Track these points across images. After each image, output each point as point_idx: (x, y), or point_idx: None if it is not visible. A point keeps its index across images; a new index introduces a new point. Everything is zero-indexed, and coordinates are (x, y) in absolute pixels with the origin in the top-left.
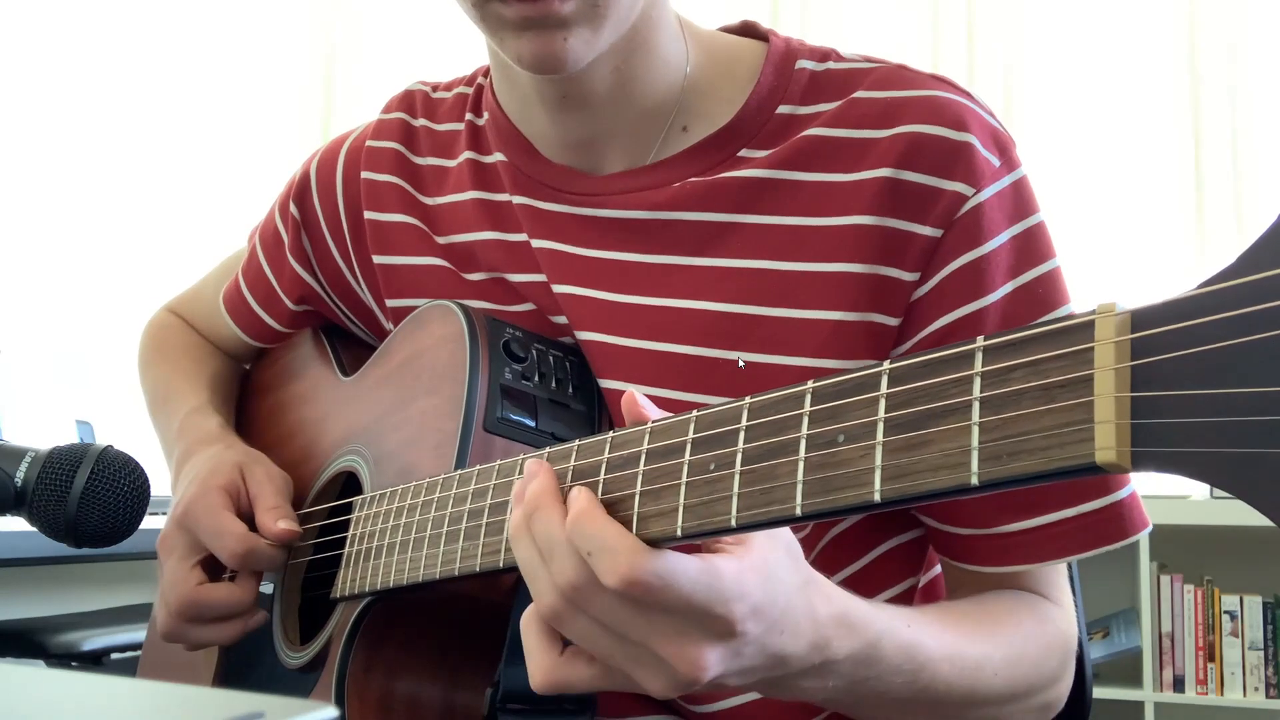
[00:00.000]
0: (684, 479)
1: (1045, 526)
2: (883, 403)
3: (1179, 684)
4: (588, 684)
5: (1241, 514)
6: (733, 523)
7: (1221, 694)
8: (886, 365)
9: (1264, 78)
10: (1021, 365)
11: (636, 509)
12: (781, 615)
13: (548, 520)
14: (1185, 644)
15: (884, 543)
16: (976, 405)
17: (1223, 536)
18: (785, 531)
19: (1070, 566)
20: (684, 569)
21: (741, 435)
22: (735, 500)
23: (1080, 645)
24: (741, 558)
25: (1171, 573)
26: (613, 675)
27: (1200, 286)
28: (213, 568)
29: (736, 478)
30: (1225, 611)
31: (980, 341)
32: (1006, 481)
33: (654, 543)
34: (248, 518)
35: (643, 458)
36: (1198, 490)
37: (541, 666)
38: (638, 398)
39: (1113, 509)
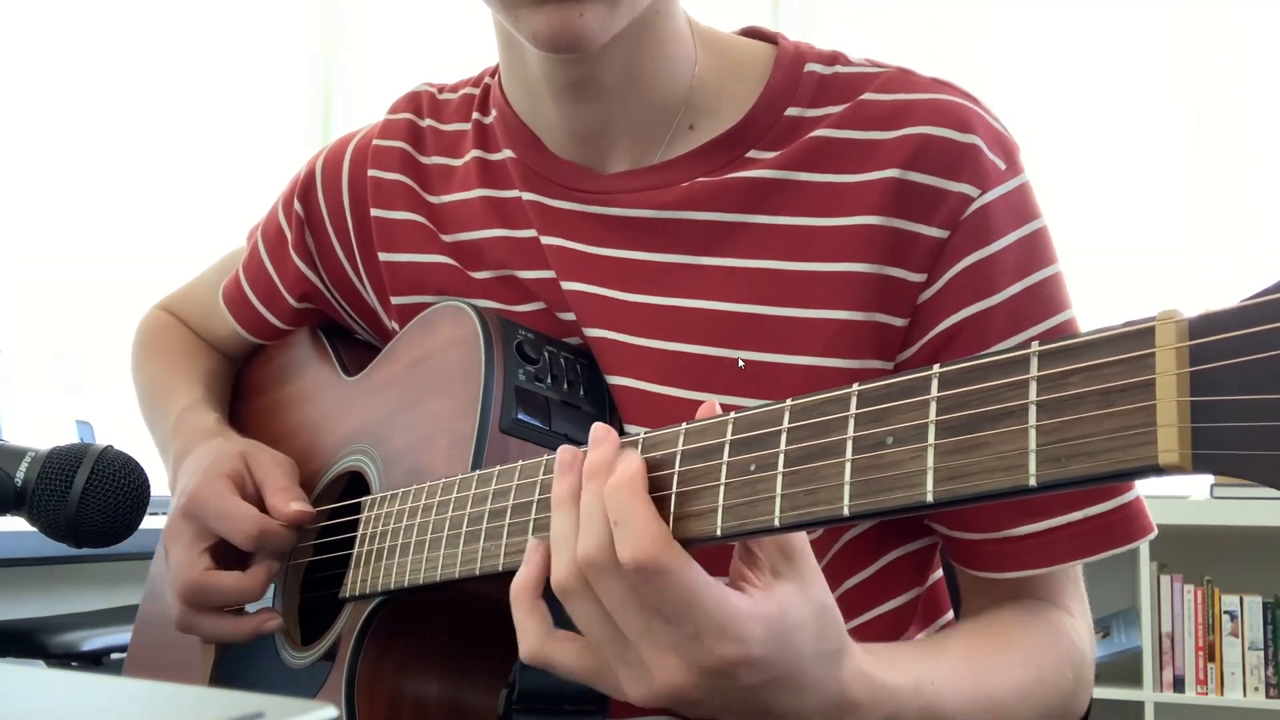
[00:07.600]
0: (723, 480)
1: (1054, 530)
2: (934, 405)
3: (1179, 684)
4: (572, 668)
5: (1241, 514)
6: (776, 523)
7: (1221, 694)
8: (936, 369)
9: (1262, 81)
10: (1079, 370)
11: (673, 509)
12: (788, 676)
13: (595, 490)
14: (1185, 644)
15: (892, 551)
16: (1033, 409)
17: (1223, 536)
18: (823, 592)
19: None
20: (698, 577)
21: (783, 437)
22: (778, 501)
23: None
24: (757, 603)
25: (1171, 573)
26: (597, 670)
27: (1254, 297)
28: (220, 557)
29: (779, 479)
30: (1225, 611)
31: (1035, 346)
32: (1065, 483)
33: (692, 543)
34: (255, 504)
35: (678, 459)
36: (1198, 490)
37: (533, 638)
38: (717, 409)
39: (1121, 512)
